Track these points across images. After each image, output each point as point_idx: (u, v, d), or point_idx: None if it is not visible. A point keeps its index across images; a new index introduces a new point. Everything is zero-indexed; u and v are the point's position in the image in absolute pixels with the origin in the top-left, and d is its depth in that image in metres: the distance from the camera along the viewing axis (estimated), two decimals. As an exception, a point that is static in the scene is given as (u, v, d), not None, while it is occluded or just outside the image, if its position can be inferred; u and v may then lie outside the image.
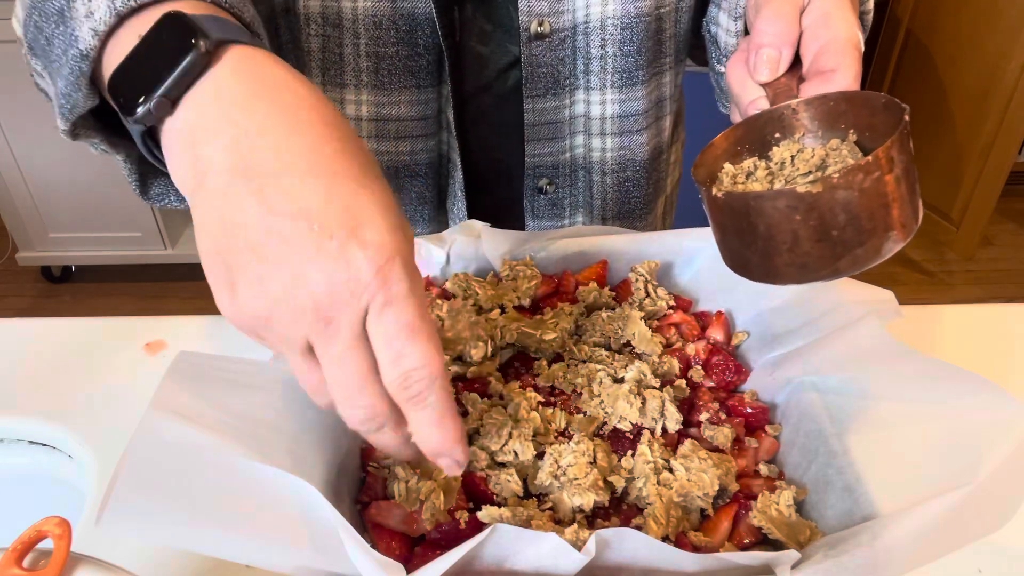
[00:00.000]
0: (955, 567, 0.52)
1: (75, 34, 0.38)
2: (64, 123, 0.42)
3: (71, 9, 0.38)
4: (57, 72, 0.41)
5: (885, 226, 0.39)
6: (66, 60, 0.39)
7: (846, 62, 0.45)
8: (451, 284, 0.62)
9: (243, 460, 0.40)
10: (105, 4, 0.37)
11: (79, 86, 0.40)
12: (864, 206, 0.38)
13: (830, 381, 0.51)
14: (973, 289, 2.35)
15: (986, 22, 2.10)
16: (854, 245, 0.39)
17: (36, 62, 0.44)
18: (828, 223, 0.38)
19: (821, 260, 0.40)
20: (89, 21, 0.37)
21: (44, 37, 0.41)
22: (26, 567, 0.37)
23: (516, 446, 0.48)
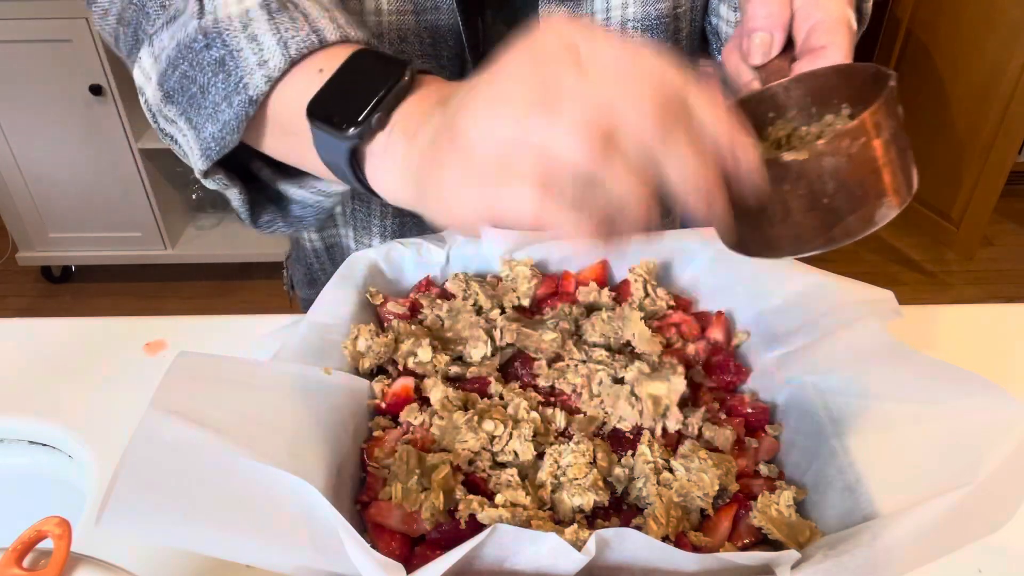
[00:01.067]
0: (955, 567, 0.52)
1: (244, 81, 0.43)
2: (207, 163, 0.46)
3: (236, 59, 0.43)
4: (210, 118, 0.44)
5: (877, 192, 0.38)
6: (229, 106, 0.43)
7: (836, 39, 0.46)
8: (451, 284, 0.62)
9: (243, 460, 0.40)
10: (279, 52, 0.42)
11: (237, 128, 0.44)
12: (853, 172, 0.37)
13: (830, 381, 0.51)
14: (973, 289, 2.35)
15: (986, 22, 2.10)
16: (846, 212, 0.38)
17: (172, 109, 0.47)
18: (818, 191, 0.38)
19: (814, 230, 0.39)
20: (263, 69, 0.42)
21: (197, 86, 0.44)
22: (26, 567, 0.37)
23: (516, 446, 0.48)
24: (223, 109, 0.43)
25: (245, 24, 0.43)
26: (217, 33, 0.43)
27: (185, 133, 0.47)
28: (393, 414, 0.52)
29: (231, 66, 0.43)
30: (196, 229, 2.43)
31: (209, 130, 0.45)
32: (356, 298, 0.59)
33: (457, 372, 0.55)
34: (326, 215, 0.53)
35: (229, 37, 0.43)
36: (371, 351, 0.54)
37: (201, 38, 0.44)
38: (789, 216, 0.39)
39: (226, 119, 0.43)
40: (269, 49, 0.42)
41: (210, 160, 0.46)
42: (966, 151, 2.24)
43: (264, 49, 0.42)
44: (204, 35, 0.44)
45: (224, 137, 0.44)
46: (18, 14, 1.89)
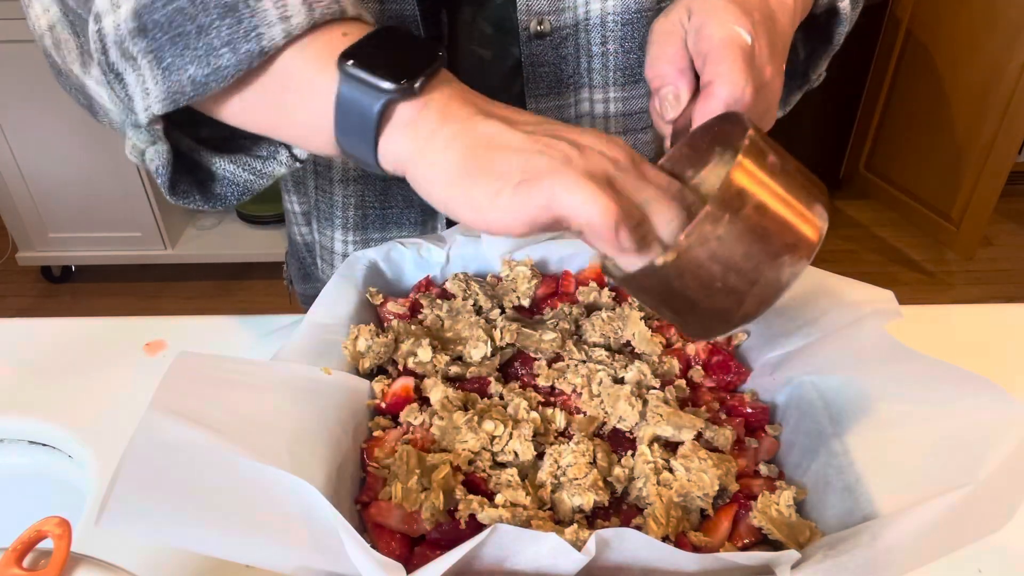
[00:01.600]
0: (955, 567, 0.52)
1: (259, 31, 0.41)
2: (168, 108, 0.43)
3: (253, 8, 0.41)
4: (198, 60, 0.42)
5: (769, 255, 0.36)
6: (231, 53, 0.41)
7: (721, 69, 0.44)
8: (451, 284, 0.62)
9: (243, 460, 0.40)
10: (304, 12, 0.41)
11: (232, 77, 0.42)
12: (731, 251, 0.36)
13: (830, 381, 0.51)
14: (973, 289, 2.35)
15: (986, 22, 2.10)
16: (747, 287, 0.37)
17: (140, 43, 0.43)
18: (707, 279, 0.36)
19: (726, 311, 0.38)
20: (284, 24, 0.41)
21: (194, 25, 0.42)
22: (26, 567, 0.37)
23: (516, 446, 0.48)
24: (222, 54, 0.41)
25: None
26: None
27: (142, 73, 0.44)
28: (393, 414, 0.52)
29: (245, 13, 0.41)
30: (196, 229, 2.44)
31: (191, 72, 0.42)
32: (356, 298, 0.59)
33: (457, 372, 0.55)
34: (249, 196, 0.52)
35: None
36: (371, 351, 0.54)
37: None
38: (696, 307, 0.38)
39: (222, 64, 0.42)
40: (294, 6, 0.41)
41: (175, 105, 0.43)
42: (966, 151, 2.24)
43: (289, 6, 0.41)
44: None
45: (209, 83, 0.42)
46: (18, 14, 1.89)
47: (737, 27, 0.45)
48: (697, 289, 0.37)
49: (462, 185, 0.39)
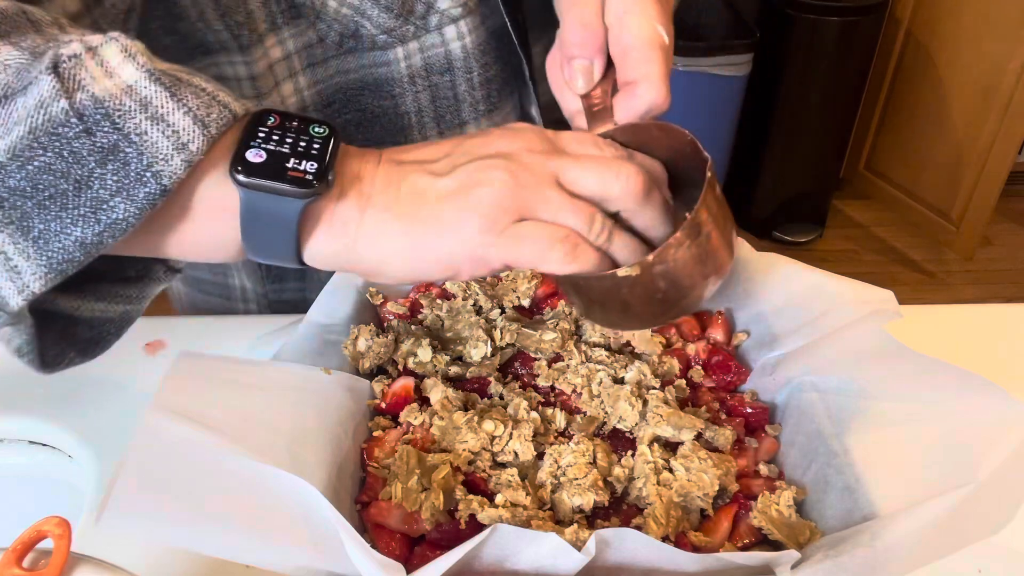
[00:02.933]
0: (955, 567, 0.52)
1: (155, 169, 0.35)
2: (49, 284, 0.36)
3: (138, 145, 0.35)
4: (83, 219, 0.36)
5: (703, 275, 0.42)
6: (126, 200, 0.35)
7: (648, 69, 0.44)
8: (451, 284, 0.62)
9: (243, 460, 0.40)
10: (199, 133, 0.36)
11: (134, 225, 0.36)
12: (679, 271, 0.41)
13: (830, 381, 0.51)
14: (973, 289, 2.35)
15: (986, 22, 2.10)
16: (678, 299, 0.42)
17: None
18: (651, 290, 0.41)
19: (651, 316, 0.43)
20: (183, 153, 0.36)
21: (69, 182, 0.35)
22: (26, 567, 0.37)
23: (516, 446, 0.48)
24: (116, 205, 0.35)
25: (143, 103, 0.35)
26: (103, 115, 0.35)
27: (3, 250, 0.36)
28: (393, 414, 0.52)
29: (130, 153, 0.35)
30: (196, 229, 2.43)
31: (77, 234, 0.36)
32: (356, 298, 0.59)
33: (457, 372, 0.55)
34: (126, 329, 0.45)
35: (122, 119, 0.35)
36: (371, 351, 0.54)
37: (76, 122, 0.35)
38: (629, 310, 0.42)
39: (117, 217, 0.35)
40: (186, 130, 0.36)
41: (63, 275, 0.36)
42: (966, 151, 2.24)
43: (180, 130, 0.36)
44: (79, 118, 0.35)
45: (104, 241, 0.36)
46: (18, 14, 1.89)
47: (659, 26, 0.45)
48: (639, 297, 0.41)
49: (418, 258, 0.40)
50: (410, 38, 0.60)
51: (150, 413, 0.41)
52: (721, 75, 1.98)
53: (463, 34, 0.61)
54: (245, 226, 0.38)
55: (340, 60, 0.61)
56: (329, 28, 0.58)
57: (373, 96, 0.63)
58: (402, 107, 0.64)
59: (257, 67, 0.57)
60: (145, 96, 0.36)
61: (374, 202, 0.39)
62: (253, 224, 0.38)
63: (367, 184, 0.40)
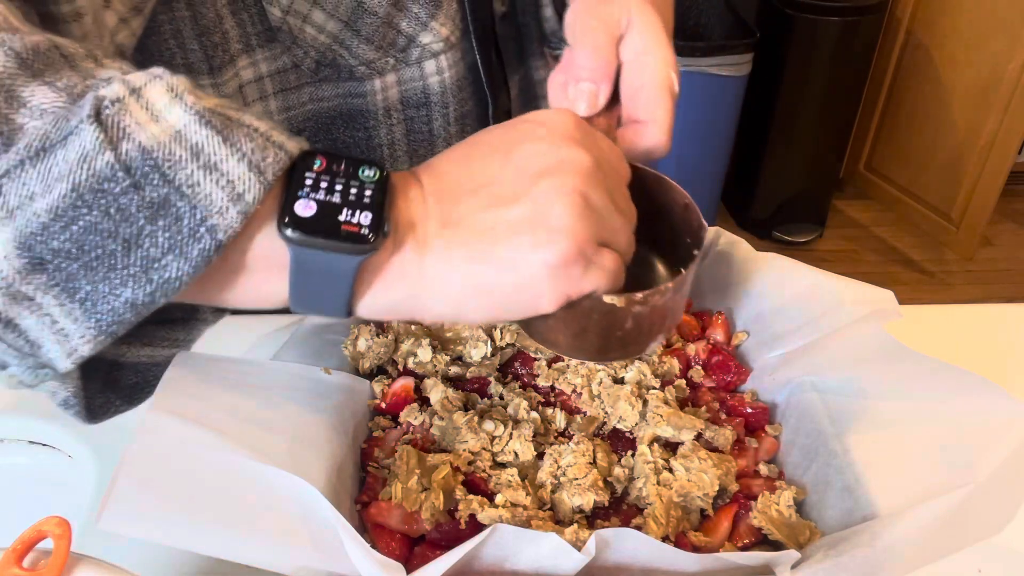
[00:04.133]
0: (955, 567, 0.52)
1: (209, 223, 0.33)
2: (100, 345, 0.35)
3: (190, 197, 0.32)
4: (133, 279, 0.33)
5: (660, 330, 0.43)
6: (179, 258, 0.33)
7: (658, 113, 0.44)
8: (451, 284, 0.62)
9: (243, 460, 0.40)
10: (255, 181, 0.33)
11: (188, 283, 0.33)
12: (650, 317, 0.41)
13: (830, 381, 0.51)
14: (973, 289, 2.34)
15: (986, 22, 2.10)
16: (628, 343, 0.42)
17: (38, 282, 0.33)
18: (615, 326, 0.40)
19: (595, 350, 0.42)
20: (239, 204, 0.33)
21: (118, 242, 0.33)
22: (26, 567, 0.37)
23: (516, 446, 0.48)
24: (168, 264, 0.33)
25: (195, 151, 0.32)
26: (152, 166, 0.32)
27: (49, 313, 0.34)
28: (393, 414, 0.52)
29: (182, 207, 0.32)
30: (196, 229, 2.43)
31: (127, 296, 0.33)
32: (356, 298, 0.59)
33: (457, 372, 0.55)
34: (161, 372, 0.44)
35: (173, 170, 0.32)
36: (371, 351, 0.54)
37: (122, 176, 0.32)
38: (585, 336, 0.41)
39: (170, 276, 0.33)
40: (241, 179, 0.33)
41: (113, 337, 0.34)
42: (966, 151, 2.24)
43: (235, 179, 0.33)
44: (126, 171, 0.32)
45: (156, 300, 0.34)
46: (18, 14, 1.89)
47: (672, 72, 0.45)
48: (600, 328, 0.41)
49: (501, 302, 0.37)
50: (388, 70, 0.60)
51: (150, 413, 0.41)
52: (721, 75, 1.98)
53: (442, 69, 0.61)
54: (295, 282, 0.35)
55: (315, 88, 0.60)
56: (305, 54, 0.57)
57: (346, 127, 0.62)
58: (375, 139, 0.63)
59: (226, 88, 0.55)
60: (196, 142, 0.33)
61: (433, 247, 0.36)
62: (304, 281, 0.35)
63: (421, 228, 0.36)
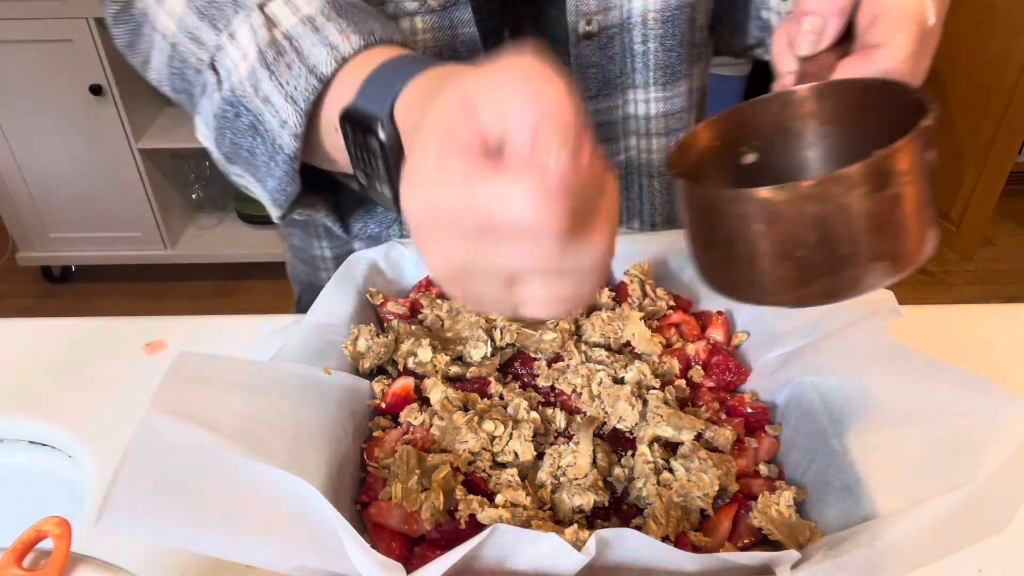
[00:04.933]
0: (955, 567, 0.52)
1: (278, 143, 0.43)
2: (281, 211, 0.49)
3: (263, 123, 0.43)
4: (267, 174, 0.46)
5: (871, 255, 0.32)
6: (276, 164, 0.44)
7: (897, 38, 0.38)
8: (451, 284, 0.62)
9: (243, 460, 0.40)
10: (292, 111, 0.42)
11: (292, 180, 0.46)
12: (842, 226, 0.31)
13: (830, 381, 0.51)
14: (973, 289, 2.34)
15: (986, 22, 2.10)
16: (825, 272, 0.32)
17: (235, 168, 0.49)
18: (794, 240, 0.31)
19: (783, 282, 0.33)
20: (286, 129, 0.42)
21: (245, 150, 0.46)
22: (26, 567, 0.37)
23: (516, 446, 0.48)
24: (272, 167, 0.45)
25: (255, 85, 0.42)
26: (238, 101, 0.44)
27: (254, 186, 0.49)
28: (393, 414, 0.52)
29: (262, 130, 0.43)
30: (196, 229, 2.43)
31: (270, 184, 0.47)
32: (356, 298, 0.59)
33: (457, 372, 0.55)
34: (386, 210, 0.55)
35: (248, 102, 0.43)
36: (371, 351, 0.54)
37: (229, 108, 0.45)
38: (756, 261, 0.33)
39: (279, 175, 0.45)
40: (283, 109, 0.42)
41: (282, 208, 0.48)
42: (966, 151, 2.24)
43: (279, 109, 0.42)
44: (230, 105, 0.44)
45: (284, 188, 0.46)
46: (18, 14, 1.89)
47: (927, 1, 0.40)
48: (774, 245, 0.32)
49: None
50: None
51: (149, 413, 0.41)
52: (721, 75, 1.98)
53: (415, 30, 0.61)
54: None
55: None
56: None
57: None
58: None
59: None
60: (257, 79, 0.42)
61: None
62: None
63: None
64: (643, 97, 0.68)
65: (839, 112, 0.38)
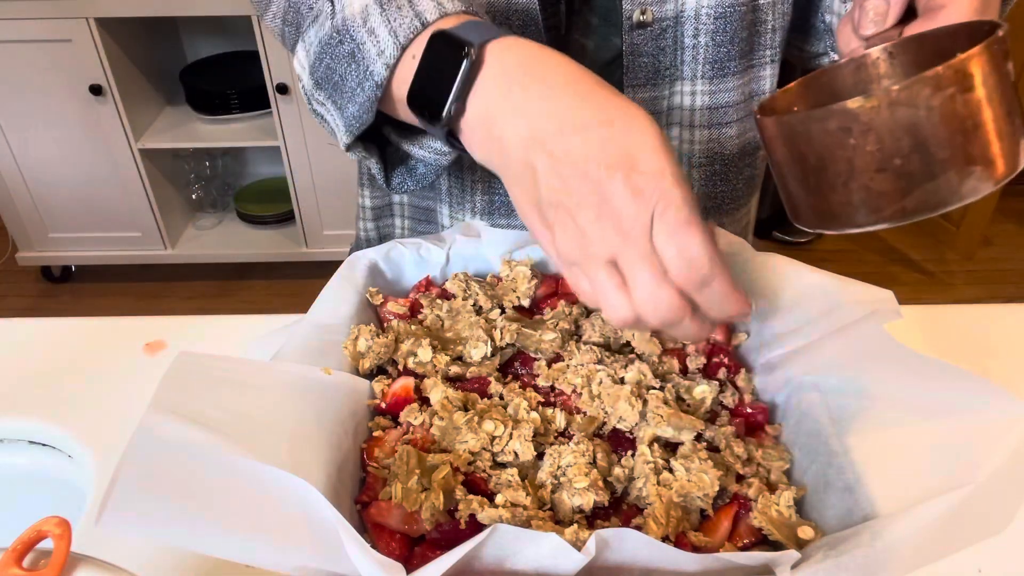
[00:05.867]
0: (955, 567, 0.52)
1: (370, 70, 0.49)
2: (349, 138, 0.54)
3: (362, 51, 0.49)
4: (350, 100, 0.52)
5: (965, 158, 0.32)
6: (362, 91, 0.50)
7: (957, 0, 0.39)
8: (451, 284, 0.62)
9: (243, 460, 0.40)
10: (391, 42, 0.48)
11: (371, 108, 0.51)
12: (934, 129, 0.31)
13: (830, 381, 0.51)
14: (973, 289, 2.35)
15: (986, 22, 2.10)
16: (924, 179, 0.32)
17: (321, 94, 0.55)
18: (890, 149, 0.32)
19: (884, 196, 0.33)
20: (382, 58, 0.48)
21: (337, 75, 0.52)
22: (26, 567, 0.37)
23: (516, 446, 0.48)
24: (358, 93, 0.50)
25: (364, 19, 0.49)
26: (346, 30, 0.50)
27: (332, 113, 0.55)
28: (393, 414, 0.52)
29: (359, 57, 0.49)
30: (196, 229, 2.43)
31: (350, 110, 0.52)
32: (356, 298, 0.59)
33: (457, 372, 0.55)
34: (443, 171, 0.59)
35: (355, 32, 0.50)
36: (371, 351, 0.54)
37: (335, 35, 0.51)
38: (854, 178, 0.33)
39: (361, 101, 0.51)
40: (384, 40, 0.48)
41: (353, 135, 0.53)
42: (966, 151, 2.24)
43: (380, 40, 0.48)
44: (337, 32, 0.51)
45: (361, 116, 0.51)
46: (18, 14, 1.89)
47: None
48: (871, 156, 0.32)
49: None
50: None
51: (149, 413, 0.41)
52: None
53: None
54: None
55: None
56: None
57: None
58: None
59: None
60: (368, 13, 0.49)
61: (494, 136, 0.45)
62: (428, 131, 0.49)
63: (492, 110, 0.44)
64: (689, 89, 0.68)
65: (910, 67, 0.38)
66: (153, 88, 2.22)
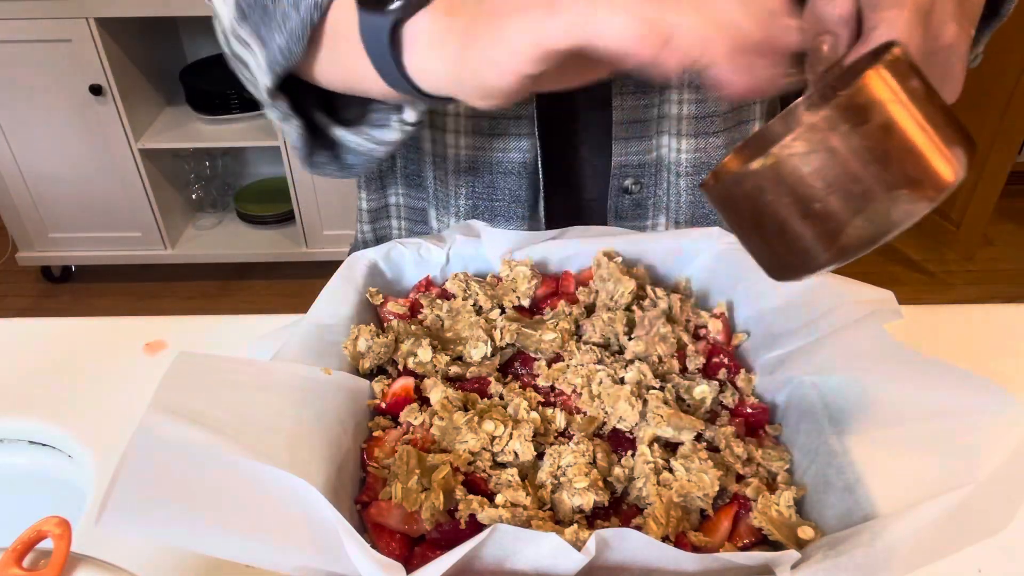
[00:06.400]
0: (955, 567, 0.52)
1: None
2: (273, 79, 0.50)
3: None
4: (279, 28, 0.48)
5: (886, 184, 0.32)
6: (296, 12, 0.47)
7: (888, 15, 0.37)
8: (451, 284, 0.62)
9: (243, 460, 0.40)
10: None
11: (303, 36, 0.48)
12: (842, 166, 0.31)
13: (830, 381, 0.51)
14: (973, 289, 2.35)
15: (986, 22, 2.10)
16: (850, 215, 0.32)
17: (245, 27, 0.51)
18: (805, 196, 0.32)
19: (819, 241, 0.33)
20: None
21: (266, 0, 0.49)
22: (26, 567, 0.37)
23: (516, 446, 0.48)
24: (291, 16, 0.47)
25: None
26: None
27: (255, 52, 0.51)
28: (393, 414, 0.52)
29: None
30: (196, 229, 2.44)
31: (277, 41, 0.49)
32: (356, 298, 0.59)
33: (457, 372, 0.55)
34: (375, 164, 0.57)
35: None
36: (371, 351, 0.54)
37: None
38: (786, 229, 0.33)
39: (292, 26, 0.47)
40: None
41: (275, 74, 0.50)
42: (966, 151, 2.24)
43: None
44: None
45: (291, 47, 0.48)
46: (18, 14, 1.89)
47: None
48: (791, 206, 0.32)
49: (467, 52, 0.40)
50: None
51: (149, 413, 0.41)
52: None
53: None
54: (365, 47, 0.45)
55: None
56: None
57: None
58: None
59: None
60: None
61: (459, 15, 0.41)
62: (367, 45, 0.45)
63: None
64: (677, 98, 0.69)
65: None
66: (153, 88, 2.23)
